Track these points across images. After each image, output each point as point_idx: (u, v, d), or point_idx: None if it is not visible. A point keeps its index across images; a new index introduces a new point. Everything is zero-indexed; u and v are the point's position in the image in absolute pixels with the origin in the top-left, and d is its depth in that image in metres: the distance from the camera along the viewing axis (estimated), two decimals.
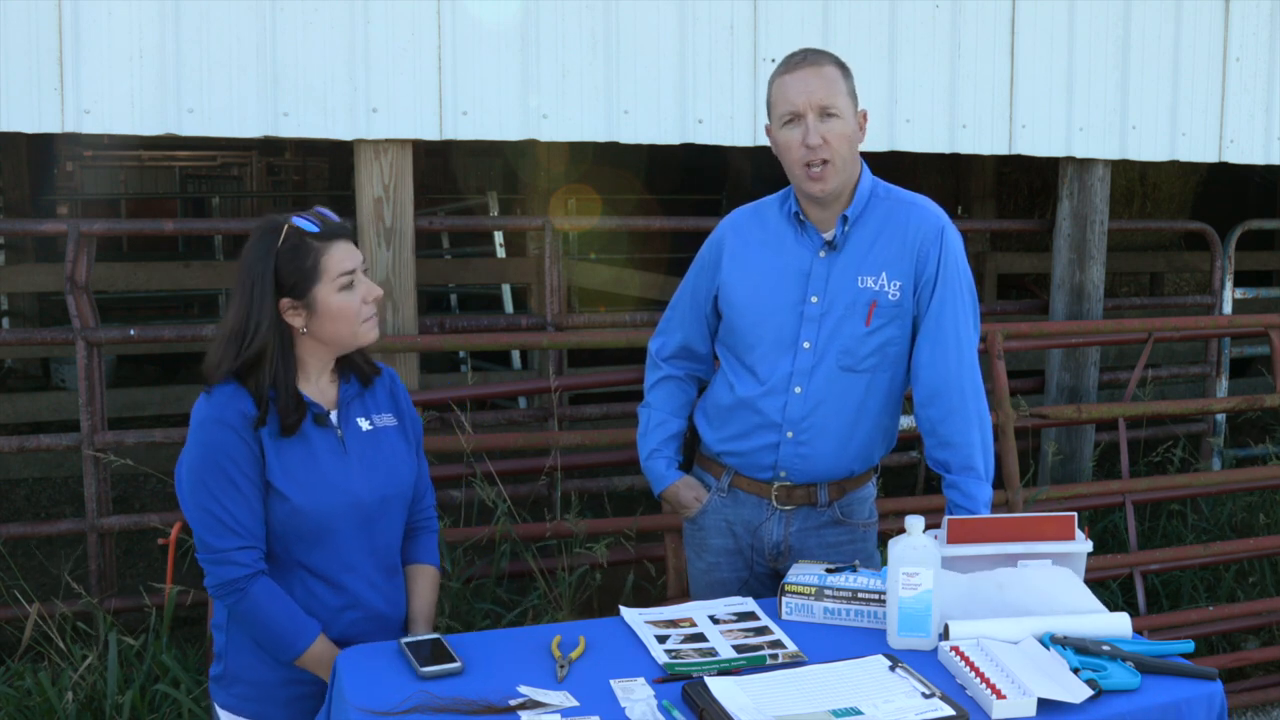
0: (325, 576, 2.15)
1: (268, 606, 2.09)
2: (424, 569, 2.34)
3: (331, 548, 2.14)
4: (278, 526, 2.11)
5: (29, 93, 3.27)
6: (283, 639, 2.10)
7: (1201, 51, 4.51)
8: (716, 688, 1.88)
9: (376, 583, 2.21)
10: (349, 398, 2.22)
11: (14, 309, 8.23)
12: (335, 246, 2.12)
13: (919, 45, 4.09)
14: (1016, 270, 8.19)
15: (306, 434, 2.13)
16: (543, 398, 4.03)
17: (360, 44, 3.49)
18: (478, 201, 8.24)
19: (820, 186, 2.38)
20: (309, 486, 2.11)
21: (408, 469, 2.26)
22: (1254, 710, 3.96)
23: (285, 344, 2.12)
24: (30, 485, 6.01)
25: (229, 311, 2.15)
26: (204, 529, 2.08)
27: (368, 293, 2.15)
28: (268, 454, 2.09)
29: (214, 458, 2.07)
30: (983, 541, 2.21)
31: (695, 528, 2.65)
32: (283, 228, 2.10)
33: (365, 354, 2.27)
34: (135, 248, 11.98)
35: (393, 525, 2.24)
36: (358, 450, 2.19)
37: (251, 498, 2.08)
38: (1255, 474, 4.49)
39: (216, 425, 2.07)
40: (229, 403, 2.09)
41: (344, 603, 2.17)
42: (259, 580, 2.09)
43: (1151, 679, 1.96)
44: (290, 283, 2.10)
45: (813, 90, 2.34)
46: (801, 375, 2.45)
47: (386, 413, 2.27)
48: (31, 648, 3.34)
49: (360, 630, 2.18)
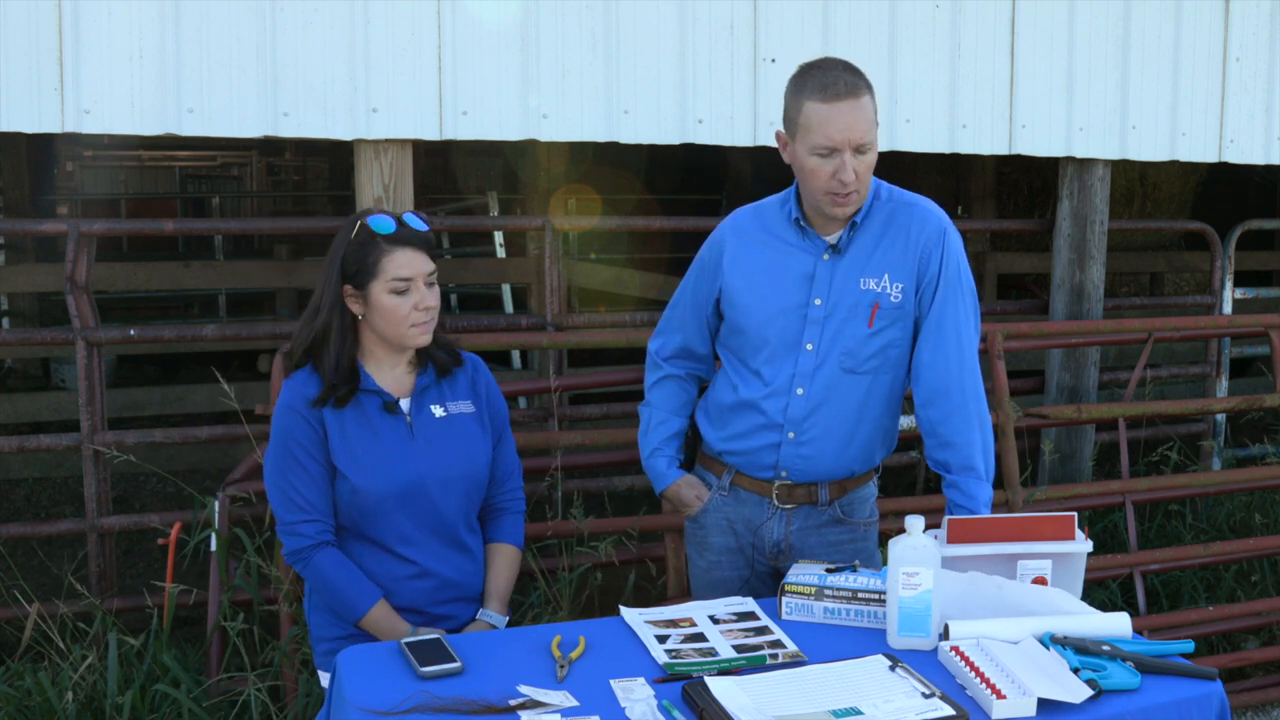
0: (386, 549, 2.34)
1: (331, 573, 2.30)
2: (504, 548, 2.50)
3: (389, 524, 2.32)
4: (341, 503, 2.33)
5: (29, 93, 3.27)
6: (345, 602, 2.31)
7: (1201, 51, 4.51)
8: (716, 688, 1.88)
9: (443, 555, 2.38)
10: (425, 386, 2.40)
11: (14, 309, 8.23)
12: (399, 252, 2.30)
13: (919, 45, 4.09)
14: (1016, 270, 8.19)
15: (372, 419, 2.33)
16: (543, 398, 4.03)
17: (360, 44, 3.49)
18: (478, 201, 8.24)
19: (843, 212, 2.40)
20: (367, 468, 2.29)
21: (479, 452, 2.42)
22: (1254, 710, 3.96)
23: (345, 324, 2.33)
24: (30, 485, 6.01)
25: (312, 295, 2.39)
26: (277, 504, 2.33)
27: (421, 301, 2.32)
28: (331, 436, 2.30)
29: (283, 440, 2.31)
30: (983, 541, 2.21)
31: (696, 526, 2.65)
32: (358, 222, 2.32)
33: (448, 345, 2.46)
34: (135, 248, 11.98)
35: (459, 504, 2.40)
36: (426, 435, 2.36)
37: (317, 476, 2.30)
38: (1255, 474, 4.48)
39: (286, 411, 2.32)
40: (299, 388, 2.32)
41: (413, 572, 2.35)
42: (323, 550, 2.31)
43: (1151, 679, 1.96)
44: (353, 272, 2.31)
45: (853, 127, 2.31)
46: (804, 377, 2.45)
47: (464, 400, 2.44)
48: (31, 648, 3.34)
49: (428, 599, 2.36)
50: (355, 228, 2.31)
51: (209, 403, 6.05)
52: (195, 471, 5.64)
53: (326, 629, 2.40)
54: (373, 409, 2.34)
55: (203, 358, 7.68)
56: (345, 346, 2.33)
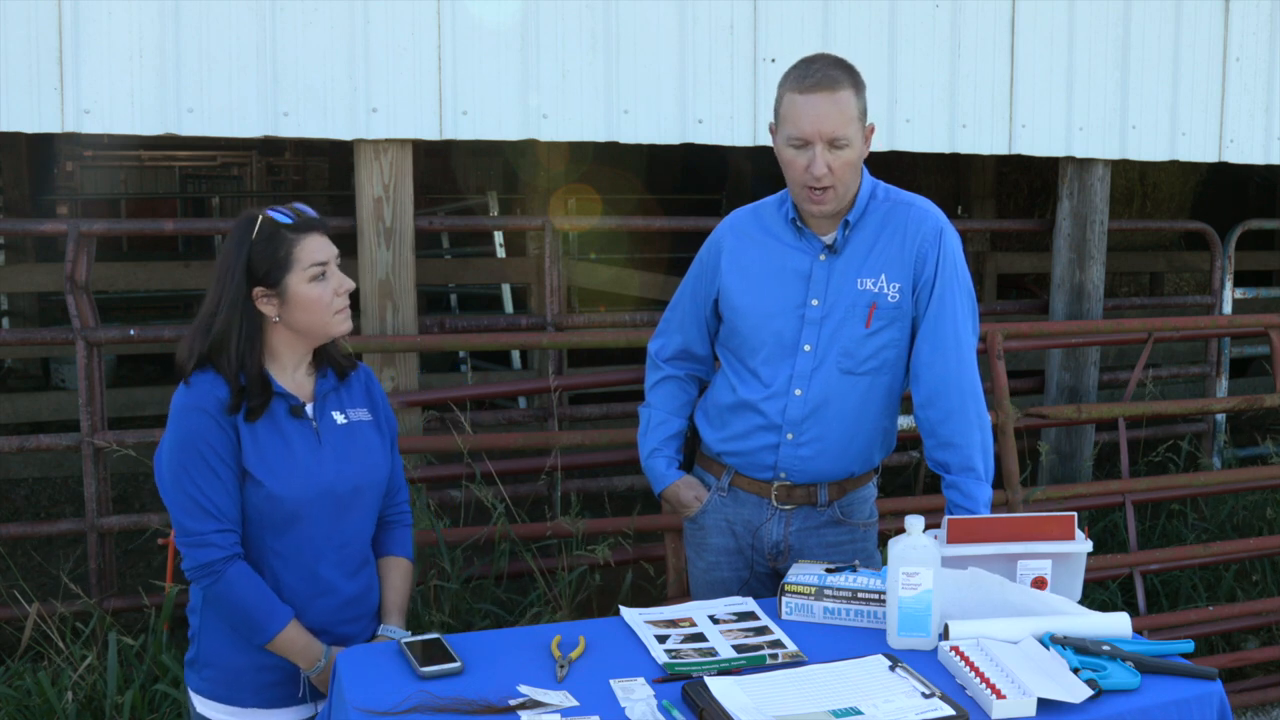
0: (296, 563, 2.20)
1: (242, 590, 2.13)
2: (397, 561, 2.40)
3: (302, 535, 2.19)
4: (252, 513, 2.17)
5: (29, 92, 3.27)
6: (256, 622, 2.15)
7: (1201, 51, 4.51)
8: (716, 688, 1.88)
9: (347, 571, 2.26)
10: (325, 391, 2.28)
11: (14, 309, 8.23)
12: (308, 239, 2.18)
13: (919, 45, 4.09)
14: (1016, 270, 8.20)
15: (281, 424, 2.19)
16: (542, 398, 4.03)
17: (360, 44, 3.49)
18: (478, 201, 8.24)
19: (819, 209, 2.39)
20: (283, 474, 2.16)
21: (381, 461, 2.32)
22: (1254, 710, 3.96)
23: (251, 327, 2.18)
24: (30, 485, 6.01)
25: (203, 303, 2.22)
26: (182, 513, 2.13)
27: (339, 285, 2.21)
28: (244, 440, 2.15)
29: (192, 443, 2.12)
30: (983, 541, 2.21)
31: (695, 527, 2.65)
32: (258, 219, 2.17)
33: (341, 348, 2.35)
34: (135, 248, 11.98)
35: (364, 516, 2.30)
36: (332, 441, 2.24)
37: (228, 483, 2.14)
38: (1255, 474, 4.48)
39: (194, 412, 2.13)
40: (207, 390, 2.14)
41: (315, 590, 2.21)
42: (235, 564, 2.14)
43: (1151, 679, 1.96)
44: (263, 271, 2.16)
45: (823, 119, 2.29)
46: (802, 378, 2.45)
47: (361, 407, 2.33)
48: (31, 648, 3.34)
49: (333, 618, 2.23)
50: (255, 224, 2.16)
51: None
52: None
53: (223, 655, 2.21)
54: (280, 413, 2.20)
55: None
56: (253, 351, 2.17)
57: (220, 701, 2.23)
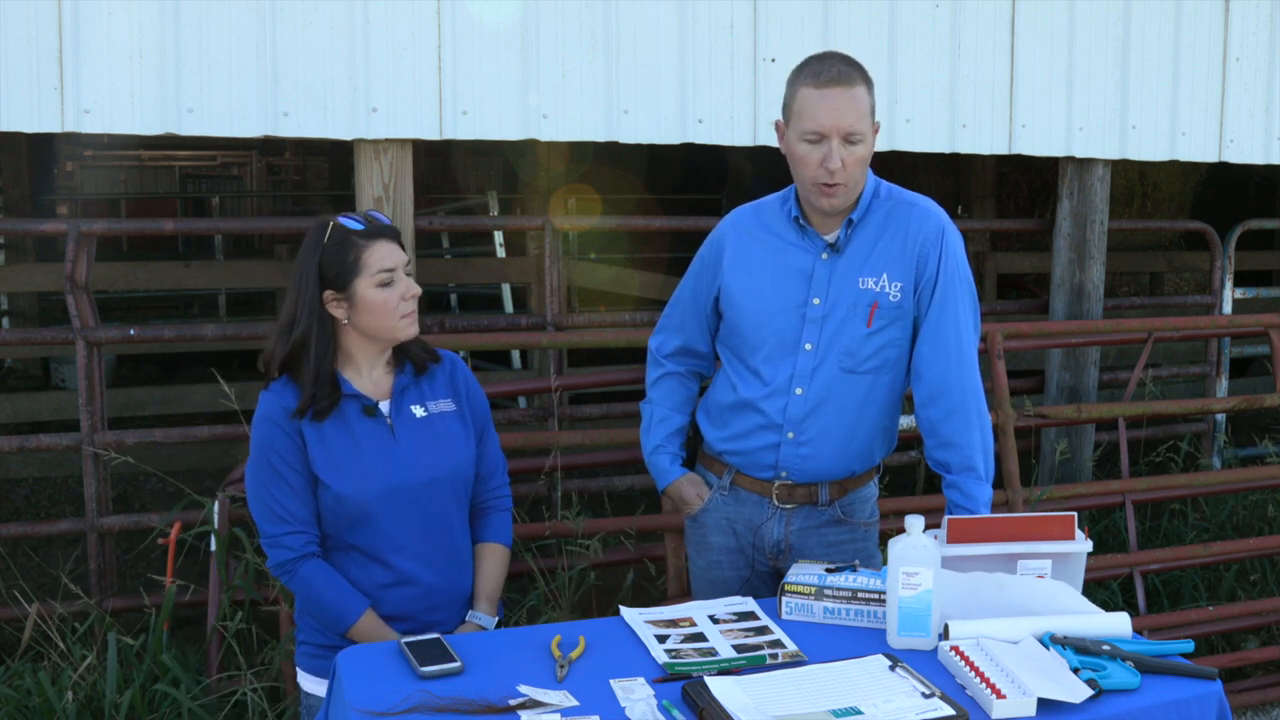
0: (373, 556, 2.31)
1: (316, 585, 2.28)
2: (491, 547, 2.47)
3: (376, 529, 2.29)
4: (325, 512, 2.30)
5: (29, 92, 3.27)
6: (332, 614, 2.29)
7: (1201, 51, 4.51)
8: (716, 687, 1.88)
9: (432, 561, 2.34)
10: (403, 386, 2.37)
11: (14, 309, 8.22)
12: (377, 245, 2.28)
13: (919, 45, 4.09)
14: (1016, 270, 8.19)
15: (351, 425, 2.30)
16: (543, 397, 4.03)
17: (360, 44, 3.49)
18: (478, 201, 8.24)
19: (830, 203, 2.39)
20: (350, 474, 2.27)
21: (463, 451, 2.39)
22: (1254, 710, 3.96)
23: (326, 333, 2.29)
24: (30, 485, 6.01)
25: (283, 306, 2.34)
26: (259, 517, 2.30)
27: (406, 290, 2.30)
28: (310, 445, 2.27)
29: (263, 453, 2.28)
30: (983, 541, 2.21)
31: (697, 525, 2.65)
32: (329, 224, 2.29)
33: (423, 343, 2.42)
34: (135, 248, 11.99)
35: (446, 506, 2.37)
36: (408, 437, 2.33)
37: (298, 487, 2.27)
38: (1255, 474, 4.48)
39: (264, 423, 2.28)
40: (276, 399, 2.28)
41: (392, 580, 2.31)
42: (308, 562, 2.28)
43: (1151, 679, 1.96)
44: (332, 275, 2.27)
45: (841, 114, 2.30)
46: (803, 377, 2.45)
47: (445, 398, 2.41)
48: (31, 648, 3.34)
49: (415, 607, 2.33)
50: (327, 230, 2.27)
51: (209, 403, 6.05)
52: (195, 471, 5.64)
53: (314, 634, 2.37)
54: (352, 414, 2.30)
55: (202, 358, 7.68)
56: (326, 354, 2.28)
57: (315, 673, 2.37)
